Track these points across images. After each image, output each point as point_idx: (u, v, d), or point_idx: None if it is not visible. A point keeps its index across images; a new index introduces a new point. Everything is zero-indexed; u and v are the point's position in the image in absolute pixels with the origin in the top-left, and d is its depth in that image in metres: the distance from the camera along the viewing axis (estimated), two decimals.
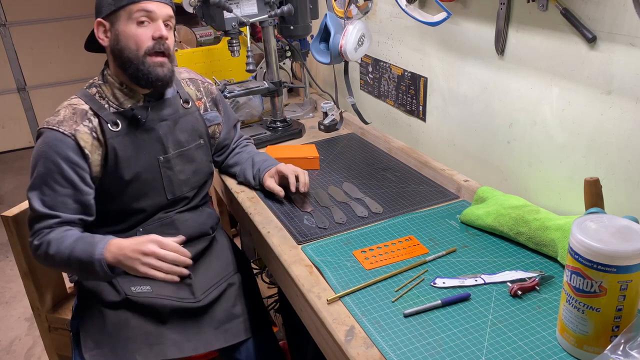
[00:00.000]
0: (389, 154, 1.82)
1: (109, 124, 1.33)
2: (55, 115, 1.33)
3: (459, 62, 1.53)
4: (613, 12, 1.07)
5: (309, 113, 2.27)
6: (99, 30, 1.34)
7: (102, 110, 1.34)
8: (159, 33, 1.31)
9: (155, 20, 1.32)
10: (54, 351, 1.76)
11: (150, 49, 1.31)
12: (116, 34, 1.31)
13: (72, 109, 1.33)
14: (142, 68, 1.31)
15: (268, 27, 1.91)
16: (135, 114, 1.36)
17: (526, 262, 1.20)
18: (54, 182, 1.29)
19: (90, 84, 1.40)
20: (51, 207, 1.30)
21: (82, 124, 1.32)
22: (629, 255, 0.84)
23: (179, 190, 1.45)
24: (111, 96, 1.37)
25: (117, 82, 1.37)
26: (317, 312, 1.11)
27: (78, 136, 1.30)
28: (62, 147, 1.29)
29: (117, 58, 1.33)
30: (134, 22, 1.30)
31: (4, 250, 3.16)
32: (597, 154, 1.19)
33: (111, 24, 1.32)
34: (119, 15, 1.30)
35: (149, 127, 1.38)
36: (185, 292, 1.41)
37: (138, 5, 1.29)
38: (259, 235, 1.43)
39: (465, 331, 1.02)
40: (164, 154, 1.41)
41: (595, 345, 0.91)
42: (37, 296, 1.66)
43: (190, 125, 1.47)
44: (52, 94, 4.61)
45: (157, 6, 1.31)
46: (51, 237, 1.29)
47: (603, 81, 1.13)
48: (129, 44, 1.30)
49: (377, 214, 1.44)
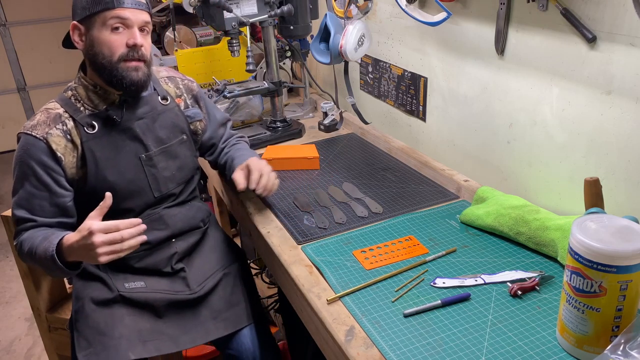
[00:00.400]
0: (389, 154, 1.82)
1: (85, 126, 1.33)
2: (31, 120, 1.35)
3: (459, 62, 1.53)
4: (613, 12, 1.07)
5: (309, 113, 2.27)
6: (75, 33, 1.32)
7: (78, 113, 1.34)
8: (132, 41, 1.29)
9: (130, 27, 1.29)
10: (54, 351, 1.76)
11: (124, 56, 1.29)
12: (91, 39, 1.30)
13: (47, 113, 1.35)
14: (116, 74, 1.30)
15: (268, 27, 1.91)
16: (109, 115, 1.35)
17: (526, 262, 1.20)
18: (30, 185, 1.31)
19: (67, 87, 1.41)
20: (28, 210, 1.32)
21: (54, 127, 1.32)
22: (629, 255, 0.84)
23: (164, 187, 1.44)
24: (86, 98, 1.36)
25: (91, 84, 1.36)
26: (317, 312, 1.11)
27: (50, 139, 1.31)
28: (35, 151, 1.30)
29: (91, 62, 1.33)
30: (108, 29, 1.28)
31: (4, 250, 3.16)
32: (597, 154, 1.19)
33: (86, 29, 1.30)
34: (93, 21, 1.28)
35: (125, 126, 1.37)
36: (180, 285, 1.41)
37: (112, 12, 1.27)
38: (259, 235, 1.43)
39: (465, 331, 1.02)
40: (145, 152, 1.40)
41: (595, 345, 0.91)
42: (37, 296, 1.66)
43: (170, 122, 1.46)
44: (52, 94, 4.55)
45: (132, 13, 1.29)
46: (24, 237, 1.31)
47: (603, 81, 1.13)
48: (103, 50, 1.29)
49: (377, 214, 1.44)
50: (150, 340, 1.34)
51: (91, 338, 1.32)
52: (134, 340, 1.32)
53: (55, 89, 4.59)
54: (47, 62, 4.53)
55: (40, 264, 1.29)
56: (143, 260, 1.41)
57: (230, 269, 1.51)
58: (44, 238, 1.27)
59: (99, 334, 1.32)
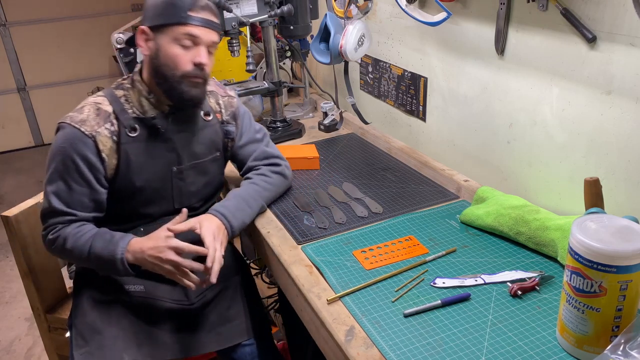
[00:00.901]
0: (389, 154, 1.82)
1: (127, 128, 1.32)
2: (79, 113, 1.31)
3: (459, 62, 1.53)
4: (613, 12, 1.07)
5: (309, 113, 2.27)
6: (141, 37, 1.31)
7: (123, 114, 1.33)
8: (199, 60, 1.29)
9: (199, 45, 1.29)
10: (54, 351, 1.76)
11: (188, 73, 1.29)
12: (157, 48, 1.29)
13: (96, 109, 1.32)
14: (177, 87, 1.30)
15: (268, 27, 1.91)
16: (155, 124, 1.34)
17: (526, 262, 1.20)
18: (72, 179, 1.29)
19: (119, 84, 1.38)
20: (68, 204, 1.30)
21: (104, 126, 1.30)
22: (629, 255, 0.84)
23: (187, 201, 1.43)
24: (136, 102, 1.35)
25: (145, 90, 1.34)
26: (317, 312, 1.11)
27: (98, 138, 1.29)
28: (81, 147, 1.28)
29: (153, 70, 1.31)
30: (177, 43, 1.27)
31: (4, 250, 3.16)
32: (597, 154, 1.19)
33: (155, 36, 1.29)
34: (163, 31, 1.27)
35: (166, 137, 1.37)
36: (179, 294, 1.40)
37: (185, 27, 1.26)
38: (259, 235, 1.43)
39: (465, 331, 1.02)
40: (177, 165, 1.39)
41: (595, 345, 0.91)
42: (37, 296, 1.66)
43: (208, 138, 1.45)
44: (52, 94, 4.61)
45: (204, 32, 1.28)
46: (67, 232, 1.29)
47: (603, 81, 1.13)
48: (168, 63, 1.28)
49: (377, 214, 1.44)
50: (145, 345, 1.33)
51: (88, 336, 1.32)
52: (129, 342, 1.32)
53: (56, 89, 4.60)
54: (47, 62, 4.53)
55: (89, 261, 1.29)
56: None
57: (230, 283, 1.49)
58: (97, 237, 1.28)
59: (96, 332, 1.31)
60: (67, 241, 1.28)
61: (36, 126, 4.64)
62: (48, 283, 1.70)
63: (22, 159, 4.48)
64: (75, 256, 1.30)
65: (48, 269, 1.68)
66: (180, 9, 1.26)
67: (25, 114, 4.57)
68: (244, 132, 1.54)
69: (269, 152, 1.56)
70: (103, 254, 1.26)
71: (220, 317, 1.43)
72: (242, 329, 1.43)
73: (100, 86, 4.59)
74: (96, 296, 1.36)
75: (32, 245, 1.61)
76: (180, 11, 1.26)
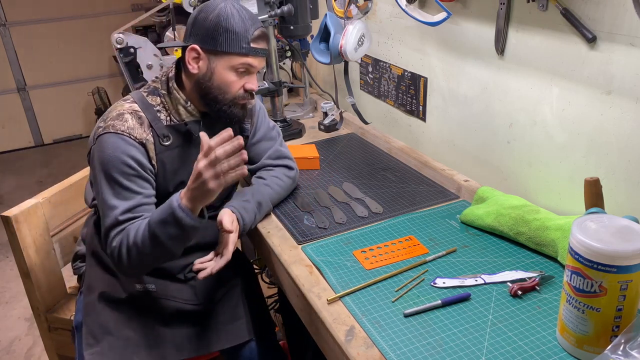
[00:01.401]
0: (389, 154, 1.82)
1: (160, 137, 1.32)
2: (122, 120, 1.28)
3: (459, 62, 1.53)
4: (613, 12, 1.07)
5: (309, 113, 2.27)
6: (191, 55, 1.29)
7: (157, 122, 1.32)
8: (250, 87, 1.31)
9: (252, 73, 1.32)
10: (54, 351, 1.76)
11: (240, 97, 1.32)
12: (211, 71, 1.29)
13: (137, 117, 1.30)
14: (225, 109, 1.32)
15: (268, 27, 1.91)
16: (189, 129, 1.35)
17: (526, 262, 1.20)
18: (134, 184, 1.26)
19: (152, 89, 1.36)
20: (131, 210, 1.25)
21: (150, 134, 1.30)
22: (629, 255, 0.84)
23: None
24: (173, 110, 1.34)
25: (183, 98, 1.34)
26: (317, 312, 1.11)
27: (148, 146, 1.29)
28: (135, 152, 1.26)
29: (202, 90, 1.31)
30: (233, 71, 1.29)
31: (4, 250, 3.16)
32: (597, 154, 1.19)
33: (208, 58, 1.29)
34: (221, 56, 1.28)
35: (198, 141, 1.37)
36: (188, 294, 1.41)
37: (245, 58, 1.28)
38: (259, 235, 1.43)
39: (465, 331, 1.02)
40: None
41: (595, 345, 0.91)
42: (37, 296, 1.66)
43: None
44: (52, 94, 4.61)
45: (259, 61, 1.31)
46: (129, 229, 1.23)
47: (603, 81, 1.13)
48: (221, 87, 1.29)
49: (377, 214, 1.44)
50: (155, 348, 1.33)
51: (99, 336, 1.31)
52: (140, 344, 1.32)
53: (56, 89, 4.60)
54: (47, 62, 4.53)
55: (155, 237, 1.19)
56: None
57: (237, 282, 1.49)
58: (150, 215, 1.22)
59: (107, 333, 1.31)
60: (129, 235, 1.21)
61: (36, 126, 4.64)
62: (48, 283, 1.69)
63: (22, 159, 4.49)
64: (139, 246, 1.20)
65: (48, 269, 1.68)
66: (243, 39, 1.27)
67: (25, 114, 4.58)
68: (259, 128, 1.55)
69: (283, 153, 1.57)
70: (163, 216, 1.18)
71: (228, 315, 1.43)
72: (249, 327, 1.44)
73: (100, 86, 4.60)
74: (107, 295, 1.35)
75: (32, 245, 1.61)
76: (242, 42, 1.27)
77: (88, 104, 4.67)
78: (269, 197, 1.47)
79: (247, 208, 1.38)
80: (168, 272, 1.41)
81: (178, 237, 1.20)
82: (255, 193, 1.44)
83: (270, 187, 1.48)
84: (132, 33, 1.91)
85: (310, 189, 1.61)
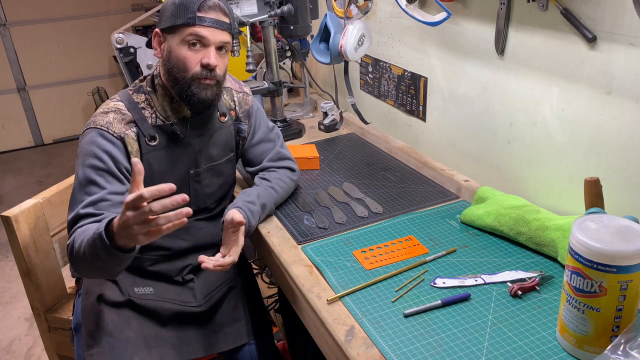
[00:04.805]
0: (389, 154, 1.82)
1: (146, 137, 1.31)
2: (103, 117, 1.30)
3: (459, 62, 1.53)
4: (613, 12, 1.07)
5: (309, 113, 2.27)
6: (155, 39, 1.31)
7: (142, 122, 1.32)
8: (206, 60, 1.28)
9: (207, 46, 1.28)
10: (54, 351, 1.76)
11: (198, 75, 1.28)
12: (168, 50, 1.29)
13: (120, 114, 1.31)
14: (187, 90, 1.29)
15: (268, 27, 1.91)
16: (174, 130, 1.34)
17: (526, 262, 1.20)
18: (102, 179, 1.25)
19: (137, 87, 1.37)
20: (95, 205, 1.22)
21: (130, 129, 1.30)
22: (629, 255, 0.84)
23: (203, 202, 1.43)
24: (159, 107, 1.34)
25: (169, 95, 1.34)
26: (317, 312, 1.11)
27: (126, 140, 1.29)
28: (110, 147, 1.27)
29: (166, 72, 1.31)
30: (185, 44, 1.27)
31: (4, 250, 3.16)
32: (597, 154, 1.19)
33: (165, 38, 1.30)
34: (173, 33, 1.27)
35: (186, 142, 1.36)
36: (187, 296, 1.41)
37: (191, 28, 1.25)
38: (259, 235, 1.43)
39: (465, 331, 1.02)
40: (195, 168, 1.39)
41: (595, 345, 0.91)
42: (37, 296, 1.66)
43: (223, 140, 1.44)
44: (52, 94, 4.61)
45: (211, 32, 1.27)
46: (81, 230, 1.17)
47: (603, 81, 1.13)
48: (178, 65, 1.28)
49: (377, 214, 1.44)
50: (154, 347, 1.33)
51: (98, 337, 1.31)
52: (139, 344, 1.32)
53: (56, 89, 4.60)
54: (47, 62, 4.53)
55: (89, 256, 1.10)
56: (157, 265, 1.40)
57: (236, 283, 1.49)
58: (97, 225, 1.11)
59: (107, 335, 1.31)
60: (76, 240, 1.15)
61: (36, 126, 4.64)
62: (48, 283, 1.69)
63: (22, 159, 4.49)
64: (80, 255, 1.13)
65: (48, 269, 1.68)
66: (189, 10, 1.25)
67: (25, 114, 4.57)
68: (257, 130, 1.54)
69: (283, 154, 1.57)
70: (91, 238, 1.09)
71: (228, 317, 1.43)
72: (248, 328, 1.44)
73: (100, 86, 4.59)
74: (106, 297, 1.35)
75: (32, 245, 1.61)
76: (188, 12, 1.25)
77: (88, 104, 4.67)
78: (273, 200, 1.47)
79: (252, 210, 1.38)
80: (166, 275, 1.41)
81: (106, 260, 1.09)
82: (260, 195, 1.43)
83: (274, 190, 1.48)
84: (132, 33, 1.91)
85: (310, 189, 1.61)
